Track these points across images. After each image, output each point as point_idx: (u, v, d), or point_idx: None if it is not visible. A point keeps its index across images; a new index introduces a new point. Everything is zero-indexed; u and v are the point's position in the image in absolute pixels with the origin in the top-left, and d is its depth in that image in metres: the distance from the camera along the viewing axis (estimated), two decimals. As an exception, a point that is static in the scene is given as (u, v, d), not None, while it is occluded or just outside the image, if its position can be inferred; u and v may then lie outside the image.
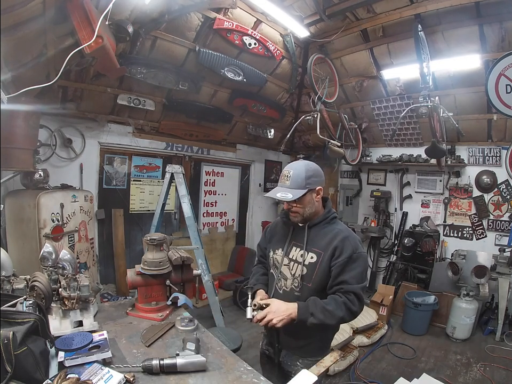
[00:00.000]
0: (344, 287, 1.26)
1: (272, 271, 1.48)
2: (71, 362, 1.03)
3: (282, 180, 1.35)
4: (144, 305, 1.56)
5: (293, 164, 1.39)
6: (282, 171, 1.37)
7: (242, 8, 3.29)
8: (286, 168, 1.37)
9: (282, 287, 1.41)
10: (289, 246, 1.42)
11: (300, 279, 1.35)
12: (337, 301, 1.25)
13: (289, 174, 1.32)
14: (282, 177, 1.35)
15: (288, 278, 1.39)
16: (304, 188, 1.32)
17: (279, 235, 1.51)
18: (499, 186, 3.95)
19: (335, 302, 1.24)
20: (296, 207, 1.35)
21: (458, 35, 3.23)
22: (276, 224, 1.59)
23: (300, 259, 1.35)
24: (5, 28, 1.78)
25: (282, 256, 1.42)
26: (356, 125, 4.54)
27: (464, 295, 3.41)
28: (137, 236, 4.09)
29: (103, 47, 2.09)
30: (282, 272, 1.41)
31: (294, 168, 1.35)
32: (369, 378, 2.67)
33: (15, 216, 2.59)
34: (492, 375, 2.75)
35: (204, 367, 1.11)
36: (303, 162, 1.40)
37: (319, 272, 1.31)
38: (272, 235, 1.55)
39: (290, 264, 1.39)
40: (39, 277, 1.28)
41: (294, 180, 1.31)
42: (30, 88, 1.95)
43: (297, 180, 1.31)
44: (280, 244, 1.46)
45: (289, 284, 1.38)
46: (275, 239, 1.51)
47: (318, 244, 1.34)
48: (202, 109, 4.11)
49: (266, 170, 5.68)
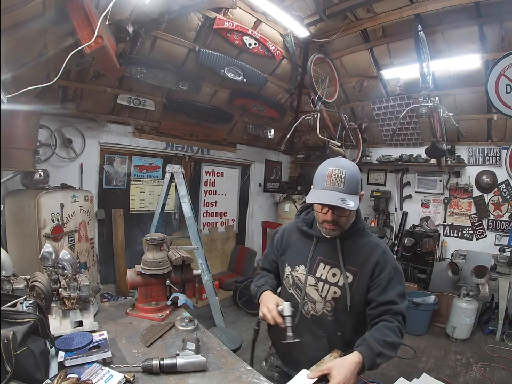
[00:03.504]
0: (393, 308, 1.10)
1: (293, 292, 1.25)
2: (71, 362, 1.03)
3: (333, 181, 1.06)
4: (144, 305, 1.56)
5: (340, 162, 1.10)
6: (329, 170, 1.07)
7: (242, 8, 3.29)
8: (333, 167, 1.07)
9: (311, 311, 1.20)
10: (315, 262, 1.20)
11: (333, 303, 1.16)
12: (392, 328, 1.07)
13: (344, 175, 1.06)
14: (332, 178, 1.06)
15: (318, 301, 1.19)
16: (358, 193, 1.09)
17: (297, 247, 1.27)
18: (499, 186, 3.95)
19: (391, 331, 1.06)
20: (343, 217, 1.11)
21: (458, 35, 3.23)
22: (290, 232, 1.32)
23: (332, 279, 1.16)
24: (5, 27, 1.78)
25: (306, 275, 1.20)
26: (356, 125, 4.54)
27: (464, 295, 3.41)
28: (137, 236, 4.09)
29: (103, 47, 2.09)
30: (308, 294, 1.20)
31: (347, 168, 1.07)
32: (369, 378, 2.67)
33: (15, 216, 2.59)
34: (492, 375, 2.75)
35: (204, 367, 1.11)
36: (349, 161, 1.13)
37: (356, 293, 1.14)
38: (286, 246, 1.30)
39: (318, 285, 1.19)
40: (39, 277, 1.28)
41: (349, 183, 1.06)
42: (30, 88, 1.95)
43: (352, 183, 1.07)
44: (301, 259, 1.23)
45: (319, 308, 1.19)
46: (293, 253, 1.28)
47: (353, 261, 1.16)
48: (202, 109, 4.11)
49: (266, 170, 5.67)
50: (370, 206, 4.88)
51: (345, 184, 1.06)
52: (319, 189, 1.09)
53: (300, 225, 1.28)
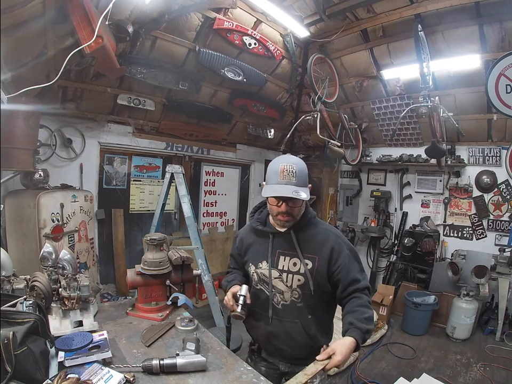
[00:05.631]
0: (359, 286, 1.23)
1: (261, 287, 1.32)
2: (71, 362, 1.03)
3: (286, 176, 1.16)
4: (144, 305, 1.56)
5: (290, 158, 1.23)
6: (281, 166, 1.18)
7: (242, 8, 3.29)
8: (285, 163, 1.19)
9: (280, 301, 1.29)
10: (275, 256, 1.29)
11: (299, 290, 1.26)
12: (364, 304, 1.21)
13: (295, 170, 1.17)
14: (285, 173, 1.17)
15: (285, 290, 1.28)
16: (307, 186, 1.21)
17: (256, 246, 1.35)
18: (499, 186, 3.95)
19: (364, 307, 1.20)
20: (296, 207, 1.21)
21: (458, 35, 3.23)
22: (247, 235, 1.41)
23: (294, 268, 1.25)
24: (5, 27, 1.78)
25: (269, 269, 1.28)
26: (356, 125, 4.53)
27: (464, 295, 3.41)
28: (137, 236, 4.09)
29: (103, 47, 2.10)
30: (275, 286, 1.29)
31: (297, 164, 1.19)
32: (369, 378, 2.67)
33: (15, 216, 2.59)
34: (492, 375, 2.75)
35: (204, 367, 1.11)
36: (295, 157, 1.26)
37: (317, 277, 1.24)
38: (246, 248, 1.38)
39: (282, 276, 1.27)
40: (39, 277, 1.28)
41: (300, 177, 1.17)
42: (30, 88, 1.95)
43: (302, 176, 1.18)
44: (262, 256, 1.31)
45: (288, 297, 1.28)
46: (253, 252, 1.36)
47: (310, 248, 1.26)
48: (202, 109, 4.11)
49: (266, 170, 5.66)
50: (370, 206, 4.88)
51: (297, 178, 1.17)
52: (273, 184, 1.19)
53: (255, 225, 1.36)
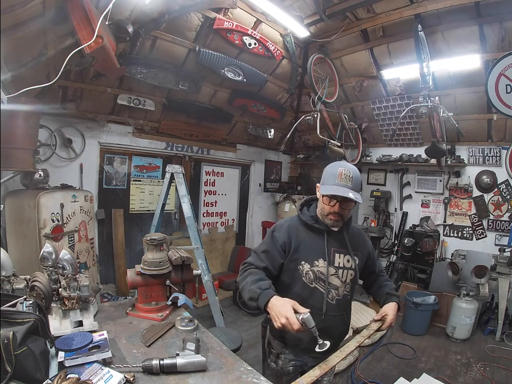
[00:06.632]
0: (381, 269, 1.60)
1: (316, 285, 1.33)
2: (71, 362, 1.03)
3: (343, 179, 1.24)
4: (144, 305, 1.56)
5: (346, 164, 1.32)
6: (339, 170, 1.26)
7: (242, 8, 3.29)
8: (341, 167, 1.27)
9: (335, 297, 1.35)
10: (331, 254, 1.34)
11: (350, 283, 1.39)
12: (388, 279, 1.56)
13: (351, 175, 1.26)
14: (342, 177, 1.25)
15: (339, 286, 1.35)
16: (360, 191, 1.31)
17: (309, 243, 1.34)
18: (499, 186, 3.95)
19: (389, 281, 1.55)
20: (347, 210, 1.31)
21: (458, 35, 3.23)
22: (296, 230, 1.36)
23: (348, 264, 1.37)
24: (5, 27, 1.78)
25: (327, 267, 1.32)
26: (356, 125, 4.54)
27: (464, 295, 3.40)
28: (137, 236, 4.09)
29: (103, 47, 2.10)
30: (331, 283, 1.33)
31: (353, 170, 1.29)
32: (369, 378, 2.67)
33: (15, 216, 2.59)
34: (492, 375, 2.75)
35: (204, 367, 1.11)
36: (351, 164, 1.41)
37: (360, 271, 1.44)
38: (297, 245, 1.33)
39: (338, 272, 1.35)
40: (39, 277, 1.28)
41: (355, 182, 1.26)
42: (30, 88, 1.95)
43: (357, 182, 1.27)
44: (318, 254, 1.33)
45: (341, 292, 1.36)
46: (306, 249, 1.33)
47: (355, 246, 1.41)
48: (202, 109, 4.11)
49: (266, 170, 5.67)
50: (370, 206, 4.88)
51: (353, 182, 1.26)
52: (330, 185, 1.27)
53: (310, 222, 1.37)
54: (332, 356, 1.16)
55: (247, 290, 1.19)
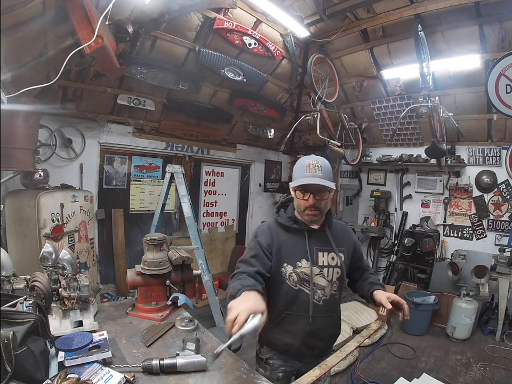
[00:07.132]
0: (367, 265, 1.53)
1: (301, 287, 1.28)
2: (71, 362, 1.03)
3: (311, 170, 1.21)
4: (144, 305, 1.56)
5: (314, 156, 1.28)
6: (306, 161, 1.24)
7: (242, 8, 3.29)
8: (309, 159, 1.25)
9: (322, 297, 1.29)
10: (314, 253, 1.29)
11: (337, 282, 1.32)
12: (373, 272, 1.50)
13: (319, 164, 1.22)
14: (311, 167, 1.22)
15: (325, 286, 1.29)
16: (332, 180, 1.25)
17: (290, 245, 1.30)
18: (499, 186, 3.95)
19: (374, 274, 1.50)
20: (322, 200, 1.24)
21: (458, 35, 3.23)
22: (276, 232, 1.32)
23: (333, 262, 1.31)
24: (5, 27, 1.78)
25: (310, 267, 1.27)
26: (356, 125, 4.54)
27: (464, 295, 3.40)
28: (137, 236, 4.09)
29: (103, 47, 2.10)
30: (316, 283, 1.28)
31: (321, 160, 1.25)
32: (369, 378, 2.67)
33: (15, 216, 2.59)
34: (492, 375, 2.75)
35: (204, 367, 1.11)
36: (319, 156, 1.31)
37: (346, 268, 1.37)
38: (278, 247, 1.29)
39: (323, 272, 1.29)
40: (39, 277, 1.28)
41: (325, 171, 1.23)
42: (30, 88, 1.95)
43: (327, 171, 1.24)
44: (299, 255, 1.28)
45: (328, 291, 1.30)
46: (287, 251, 1.29)
47: (340, 242, 1.35)
48: (202, 109, 4.11)
49: (266, 170, 5.67)
50: (370, 206, 4.88)
51: (322, 172, 1.22)
52: (300, 177, 1.23)
53: (288, 224, 1.33)
54: (332, 356, 1.16)
55: (230, 288, 1.12)
